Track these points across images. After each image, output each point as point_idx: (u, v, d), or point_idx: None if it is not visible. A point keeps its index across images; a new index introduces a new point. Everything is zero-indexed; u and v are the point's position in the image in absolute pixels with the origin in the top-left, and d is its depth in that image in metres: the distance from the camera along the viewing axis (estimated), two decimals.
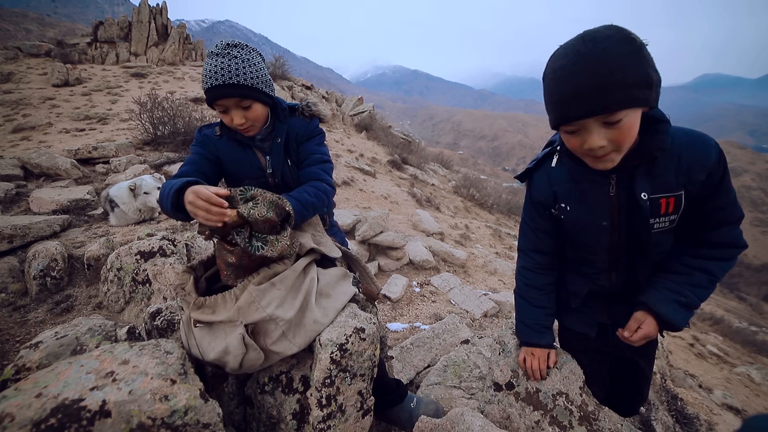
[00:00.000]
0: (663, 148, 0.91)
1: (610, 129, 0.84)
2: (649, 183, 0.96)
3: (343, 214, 3.98)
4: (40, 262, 2.18)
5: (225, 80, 1.18)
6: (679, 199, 0.97)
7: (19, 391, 0.78)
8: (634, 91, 0.80)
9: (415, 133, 30.49)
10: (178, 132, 5.78)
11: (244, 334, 1.02)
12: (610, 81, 0.79)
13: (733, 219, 1.02)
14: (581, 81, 0.80)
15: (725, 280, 48.77)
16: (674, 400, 2.72)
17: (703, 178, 0.95)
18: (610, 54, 0.78)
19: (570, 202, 1.08)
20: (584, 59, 0.79)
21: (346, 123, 14.65)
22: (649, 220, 0.99)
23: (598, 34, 0.79)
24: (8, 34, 49.31)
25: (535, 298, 1.26)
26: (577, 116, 0.84)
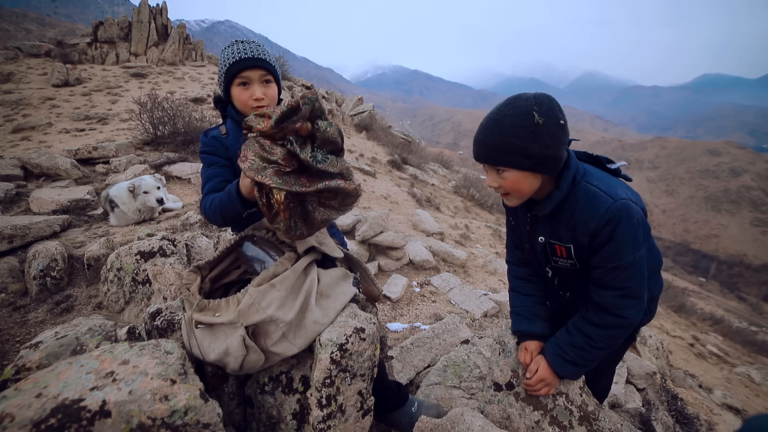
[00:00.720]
0: (542, 213, 1.12)
1: (500, 176, 1.07)
2: (548, 229, 1.16)
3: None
4: (40, 262, 2.18)
5: (254, 54, 1.28)
6: (569, 250, 1.13)
7: (19, 391, 0.78)
8: (508, 156, 1.02)
9: (415, 133, 30.50)
10: (178, 132, 5.77)
11: (245, 335, 1.02)
12: (493, 143, 1.03)
13: (614, 286, 1.09)
14: (480, 135, 1.06)
15: (725, 280, 48.75)
16: (674, 400, 2.72)
17: (587, 240, 1.08)
18: (504, 123, 1.00)
19: (514, 219, 1.33)
20: (490, 119, 1.04)
21: (346, 123, 14.65)
22: (547, 258, 1.20)
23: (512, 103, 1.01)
24: (8, 34, 49.30)
25: (522, 287, 1.39)
26: (475, 159, 1.10)
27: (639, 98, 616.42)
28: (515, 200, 1.13)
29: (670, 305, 10.32)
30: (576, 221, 1.08)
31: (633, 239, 1.04)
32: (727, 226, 60.31)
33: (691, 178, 72.77)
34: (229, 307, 1.04)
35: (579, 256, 1.13)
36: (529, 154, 1.00)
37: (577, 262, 1.15)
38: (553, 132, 1.00)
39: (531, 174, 1.05)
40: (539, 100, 1.00)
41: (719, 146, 77.24)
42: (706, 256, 56.01)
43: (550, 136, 1.00)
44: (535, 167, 1.03)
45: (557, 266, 1.21)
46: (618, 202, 1.02)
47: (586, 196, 1.06)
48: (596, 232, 1.04)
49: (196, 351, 1.06)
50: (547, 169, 1.04)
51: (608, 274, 1.08)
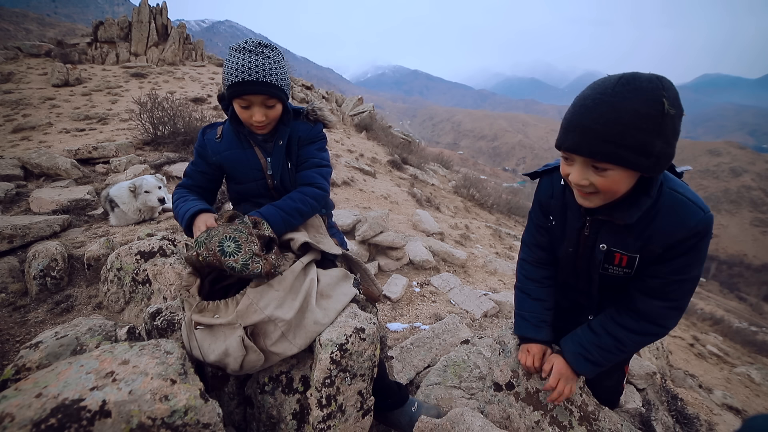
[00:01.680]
0: (627, 223, 0.94)
1: (597, 174, 0.86)
2: (612, 237, 1.02)
3: (343, 214, 3.98)
4: (40, 262, 2.18)
5: (258, 77, 1.19)
6: (633, 260, 1.02)
7: (19, 391, 0.78)
8: (624, 152, 0.81)
9: (415, 133, 30.52)
10: (178, 132, 5.78)
11: (243, 336, 1.02)
12: (607, 133, 0.80)
13: (668, 297, 1.01)
14: (586, 119, 0.82)
15: (725, 280, 48.77)
16: (674, 400, 2.72)
17: (660, 251, 0.97)
18: (625, 108, 0.78)
19: (556, 218, 1.15)
20: (602, 102, 0.80)
21: (346, 123, 14.65)
22: (599, 266, 1.08)
23: (632, 84, 0.79)
24: (8, 34, 49.29)
25: (533, 290, 1.29)
26: (568, 148, 0.87)
27: None
28: (598, 201, 0.94)
29: None
30: (655, 231, 0.95)
31: (705, 254, 0.97)
32: (727, 226, 60.30)
33: (691, 178, 72.68)
34: (228, 308, 1.05)
35: (641, 265, 1.02)
36: (651, 152, 0.81)
37: (633, 271, 1.04)
38: (677, 125, 0.82)
39: (634, 174, 0.87)
40: (666, 83, 0.79)
41: (719, 146, 77.23)
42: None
43: (674, 131, 0.81)
44: (651, 168, 0.84)
45: (605, 274, 1.09)
46: (707, 215, 0.92)
47: (672, 204, 0.93)
48: (678, 243, 0.93)
49: (197, 352, 1.06)
50: (659, 169, 0.86)
51: (668, 286, 0.99)
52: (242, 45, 1.21)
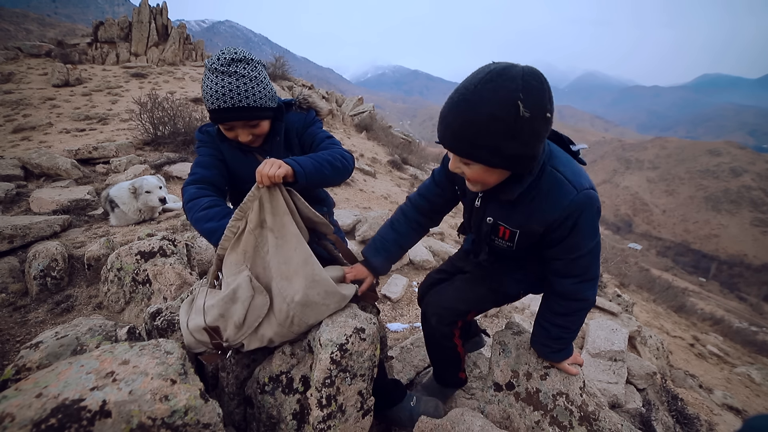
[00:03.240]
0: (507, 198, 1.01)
1: (465, 165, 0.95)
2: (499, 212, 1.10)
3: (343, 214, 3.98)
4: (41, 262, 2.18)
5: (234, 103, 1.14)
6: (513, 234, 1.10)
7: (20, 391, 0.78)
8: (478, 152, 0.87)
9: (415, 133, 30.54)
10: (179, 132, 5.77)
11: (251, 276, 1.06)
12: (463, 133, 0.85)
13: (575, 274, 1.09)
14: (449, 116, 0.86)
15: (725, 280, 48.74)
16: (674, 401, 2.72)
17: (541, 230, 1.04)
18: (480, 110, 0.81)
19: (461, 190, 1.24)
20: (463, 99, 0.83)
21: (346, 123, 14.65)
22: (488, 236, 1.17)
23: (493, 83, 0.80)
24: (8, 34, 49.31)
25: (397, 222, 1.37)
26: (438, 139, 0.94)
27: (639, 98, 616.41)
28: (479, 188, 1.03)
29: (670, 305, 10.31)
30: (534, 209, 1.01)
31: (593, 228, 1.03)
32: (727, 226, 60.29)
33: (691, 178, 72.74)
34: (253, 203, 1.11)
35: (521, 241, 1.10)
36: (504, 153, 0.85)
37: (514, 245, 1.12)
38: (536, 127, 0.83)
39: (499, 170, 0.93)
40: (528, 84, 0.79)
41: (719, 146, 77.22)
42: (706, 256, 55.99)
43: (532, 133, 0.83)
44: (507, 166, 0.90)
45: (492, 244, 1.18)
46: (581, 193, 0.97)
47: (550, 183, 0.98)
48: (556, 224, 1.00)
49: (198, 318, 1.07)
50: (519, 168, 0.92)
51: (569, 265, 1.08)
52: (215, 64, 1.14)
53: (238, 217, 1.09)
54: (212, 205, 1.18)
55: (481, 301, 1.38)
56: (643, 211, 69.28)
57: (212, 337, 1.08)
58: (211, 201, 1.19)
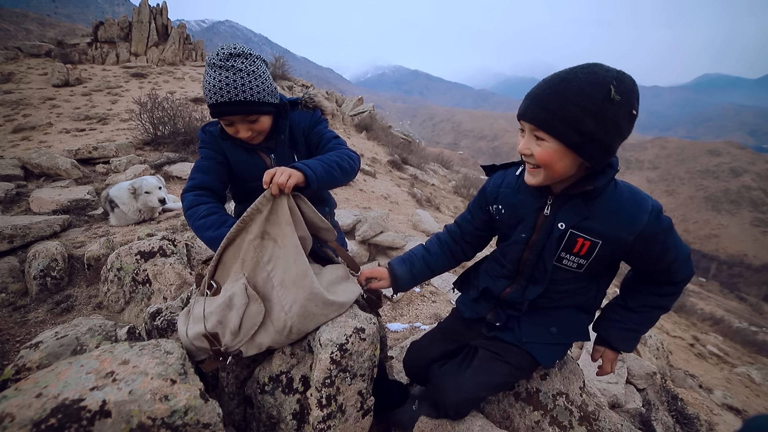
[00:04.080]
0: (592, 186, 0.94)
1: (537, 144, 0.92)
2: (575, 218, 1.00)
3: (343, 214, 3.98)
4: (41, 262, 2.18)
5: (231, 97, 1.13)
6: (594, 246, 1.00)
7: (20, 391, 0.78)
8: (558, 123, 0.86)
9: (415, 133, 30.46)
10: (179, 132, 5.77)
11: (246, 284, 1.06)
12: (549, 102, 0.86)
13: (684, 259, 1.04)
14: (539, 89, 0.89)
15: (725, 280, 48.74)
16: (674, 401, 2.72)
17: (632, 239, 0.97)
18: (572, 84, 0.84)
19: (505, 206, 1.15)
20: (557, 76, 0.88)
21: (346, 123, 14.65)
22: (558, 247, 1.04)
23: (589, 68, 0.85)
24: (8, 34, 49.31)
25: (429, 242, 1.38)
26: (519, 114, 0.94)
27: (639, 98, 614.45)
28: (539, 179, 0.97)
29: None
30: (622, 216, 0.96)
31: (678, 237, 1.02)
32: (727, 226, 60.30)
33: (691, 179, 72.74)
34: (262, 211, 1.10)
35: (599, 256, 1.02)
36: (582, 130, 0.85)
37: (587, 264, 1.04)
38: (620, 119, 0.85)
39: (572, 154, 0.90)
40: (622, 77, 0.84)
41: (719, 146, 77.23)
42: (706, 256, 55.99)
43: (615, 121, 0.85)
44: (580, 147, 0.87)
45: (557, 265, 1.07)
46: (654, 200, 0.98)
47: (629, 190, 0.99)
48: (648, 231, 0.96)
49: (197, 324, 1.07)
50: (592, 155, 0.89)
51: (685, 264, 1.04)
52: (214, 59, 1.14)
53: (239, 228, 1.09)
54: (210, 213, 1.18)
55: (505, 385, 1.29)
56: None
57: (212, 344, 1.08)
58: (208, 209, 1.19)
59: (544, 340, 1.17)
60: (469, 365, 1.22)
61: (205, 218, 1.16)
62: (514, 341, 1.19)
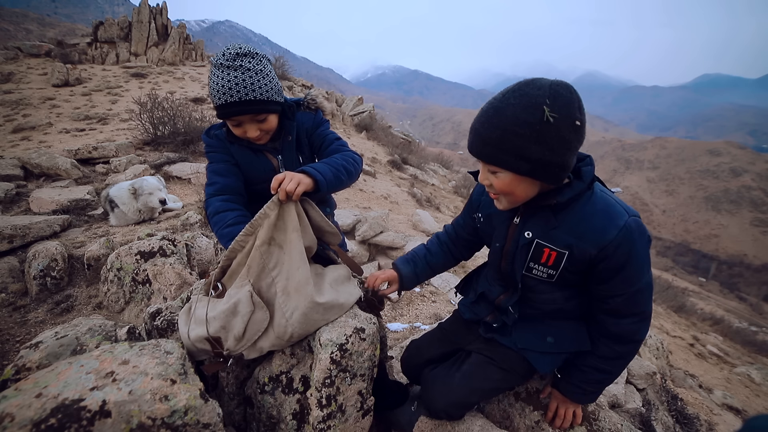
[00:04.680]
0: (555, 200, 0.94)
1: (493, 175, 0.94)
2: (542, 229, 1.00)
3: (343, 214, 3.98)
4: (40, 262, 2.18)
5: (240, 97, 1.13)
6: (560, 257, 0.99)
7: (19, 391, 0.78)
8: (503, 156, 0.87)
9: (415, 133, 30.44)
10: (178, 132, 5.77)
11: (252, 291, 1.06)
12: (489, 137, 0.87)
13: (635, 311, 1.00)
14: (477, 123, 0.90)
15: (725, 280, 48.73)
16: (674, 400, 2.72)
17: (594, 253, 0.94)
18: (506, 114, 0.84)
19: (483, 215, 1.18)
20: (491, 106, 0.88)
21: (346, 123, 14.64)
22: (526, 257, 1.04)
23: (521, 90, 0.84)
24: (8, 34, 49.31)
25: (430, 242, 1.41)
26: (469, 150, 0.94)
27: (639, 98, 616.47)
28: (505, 204, 0.99)
29: (670, 305, 10.32)
30: (588, 227, 0.94)
31: (647, 257, 0.96)
32: (727, 226, 60.30)
33: (691, 178, 72.75)
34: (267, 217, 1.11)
35: (567, 268, 1.00)
36: (528, 157, 0.85)
37: (558, 275, 1.02)
38: (564, 134, 0.83)
39: (527, 179, 0.91)
40: (555, 91, 0.82)
41: (719, 146, 77.22)
42: (706, 256, 56.00)
43: (559, 139, 0.83)
44: (532, 173, 0.88)
45: (528, 275, 1.07)
46: (632, 217, 0.94)
47: (603, 202, 0.96)
48: (611, 247, 0.92)
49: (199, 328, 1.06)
50: (548, 177, 0.89)
51: (630, 300, 0.98)
52: (220, 59, 1.14)
53: (247, 233, 1.09)
54: (239, 221, 1.18)
55: (498, 390, 1.27)
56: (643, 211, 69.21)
57: (213, 347, 1.08)
58: (237, 217, 1.20)
59: (540, 349, 1.14)
60: (459, 369, 1.22)
61: (232, 227, 1.17)
62: (510, 345, 1.18)
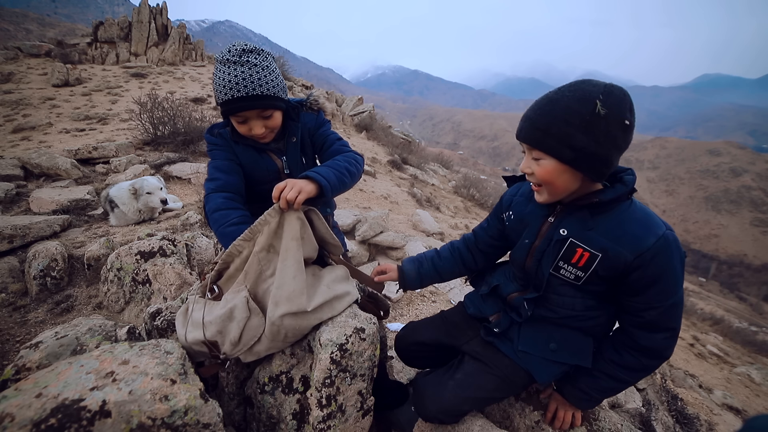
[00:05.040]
0: (598, 199, 0.94)
1: (536, 163, 0.96)
2: (578, 229, 0.99)
3: (343, 214, 3.98)
4: (40, 262, 2.18)
5: (247, 92, 1.13)
6: (593, 259, 0.97)
7: (19, 391, 0.78)
8: (549, 140, 0.90)
9: (415, 133, 30.44)
10: (178, 132, 5.77)
11: (248, 297, 1.05)
12: (539, 121, 0.91)
13: (668, 327, 0.99)
14: (530, 111, 0.95)
15: (725, 280, 48.74)
16: (674, 400, 2.72)
17: (631, 259, 0.93)
18: (559, 103, 0.88)
19: (515, 213, 1.19)
20: (546, 97, 0.93)
21: (346, 123, 14.64)
22: (557, 255, 1.02)
23: (576, 86, 0.89)
24: (8, 34, 49.33)
25: (441, 248, 1.41)
26: (516, 135, 0.98)
27: (639, 98, 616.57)
28: (545, 197, 0.99)
29: None
30: (625, 232, 0.94)
31: (682, 273, 0.96)
32: (727, 226, 60.30)
33: (691, 179, 72.76)
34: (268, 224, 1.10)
35: (598, 271, 0.97)
36: (573, 145, 0.87)
37: (585, 278, 0.99)
38: (612, 130, 0.86)
39: (569, 170, 0.91)
40: (609, 89, 0.86)
41: (719, 146, 77.26)
42: (706, 256, 56.00)
43: (606, 134, 0.86)
44: (575, 162, 0.89)
45: (555, 275, 1.04)
46: (670, 231, 0.94)
47: (643, 212, 0.96)
48: (649, 255, 0.91)
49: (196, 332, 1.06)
50: (589, 169, 0.90)
51: (664, 314, 0.96)
52: (226, 56, 1.14)
53: (246, 238, 1.09)
54: (242, 221, 1.16)
55: (492, 400, 1.25)
56: None
57: (211, 351, 1.08)
58: (241, 217, 1.17)
59: (542, 354, 1.12)
60: (452, 377, 1.20)
61: (236, 226, 1.14)
62: (509, 353, 1.16)
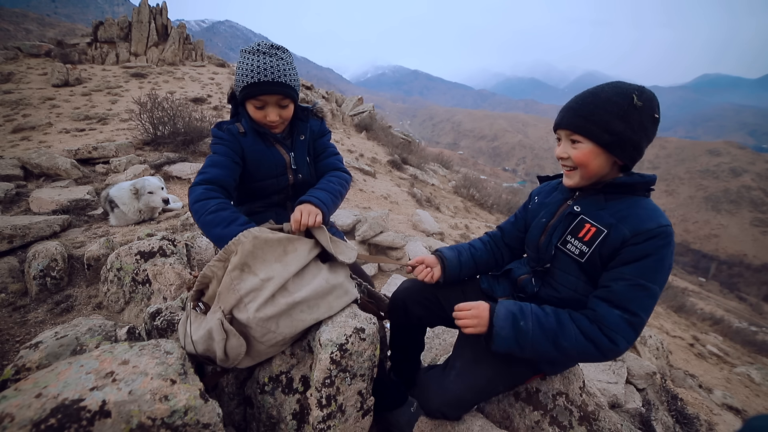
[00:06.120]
0: (609, 182, 1.07)
1: (573, 147, 1.06)
2: (590, 208, 1.10)
3: (343, 214, 3.98)
4: (40, 262, 2.18)
5: (274, 78, 1.24)
6: (597, 235, 1.04)
7: (19, 391, 0.78)
8: (591, 126, 1.01)
9: (415, 133, 30.34)
10: (178, 132, 5.77)
11: (222, 319, 1.03)
12: (582, 110, 1.03)
13: (630, 308, 0.97)
14: (572, 102, 1.07)
15: (725, 280, 48.74)
16: (674, 400, 2.72)
17: (628, 235, 0.99)
18: (600, 95, 1.02)
19: (539, 199, 1.31)
20: (588, 91, 1.06)
21: (346, 123, 14.64)
22: (565, 229, 1.12)
23: (616, 83, 1.04)
24: (8, 34, 49.33)
25: (473, 241, 1.48)
26: (556, 124, 1.10)
27: None
28: (576, 179, 1.09)
29: (670, 305, 10.32)
30: (631, 214, 1.02)
31: (668, 269, 0.99)
32: (727, 226, 60.31)
33: (691, 179, 72.78)
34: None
35: (599, 250, 1.03)
36: (612, 130, 0.99)
37: (588, 255, 1.04)
38: (644, 121, 1.00)
39: (604, 153, 1.02)
40: (642, 89, 1.01)
41: (719, 146, 77.28)
42: (706, 256, 56.01)
43: (640, 123, 0.99)
44: (611, 145, 1.00)
45: (562, 250, 1.10)
46: (670, 226, 1.01)
47: (653, 206, 1.05)
48: (643, 235, 0.97)
49: (189, 345, 1.06)
50: (623, 153, 1.02)
51: (630, 290, 0.96)
52: (256, 47, 1.27)
53: (221, 258, 1.08)
54: (220, 208, 1.16)
55: (492, 386, 1.23)
56: None
57: (207, 362, 1.10)
58: (219, 204, 1.17)
59: None
60: (453, 367, 1.24)
61: (215, 213, 1.14)
62: None
